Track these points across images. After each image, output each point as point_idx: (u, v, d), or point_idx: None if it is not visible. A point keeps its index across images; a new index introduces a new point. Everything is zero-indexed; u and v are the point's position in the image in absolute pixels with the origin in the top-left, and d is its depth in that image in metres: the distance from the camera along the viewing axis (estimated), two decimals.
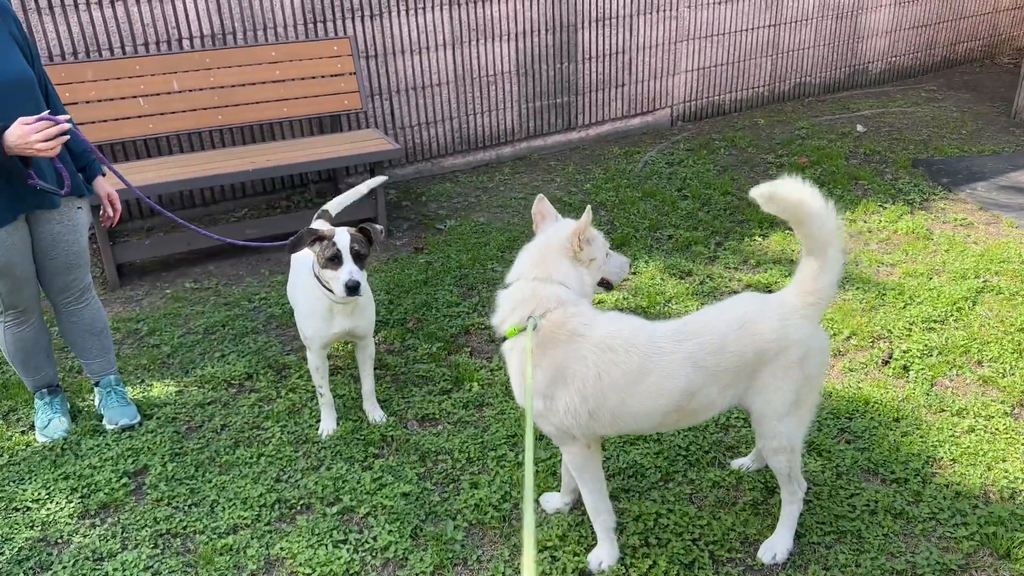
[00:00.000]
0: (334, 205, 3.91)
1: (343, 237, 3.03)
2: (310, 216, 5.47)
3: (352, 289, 3.00)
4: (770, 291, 4.58)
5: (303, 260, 3.40)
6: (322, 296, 3.20)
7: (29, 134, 2.80)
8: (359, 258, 3.05)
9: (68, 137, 2.94)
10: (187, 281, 4.95)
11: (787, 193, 2.46)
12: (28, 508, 3.09)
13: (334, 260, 3.02)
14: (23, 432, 3.54)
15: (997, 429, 3.35)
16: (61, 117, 2.96)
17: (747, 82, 7.89)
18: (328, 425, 3.48)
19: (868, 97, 8.27)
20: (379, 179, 4.18)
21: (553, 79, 6.86)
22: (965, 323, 4.16)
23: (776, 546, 2.75)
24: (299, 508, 3.06)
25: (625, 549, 2.77)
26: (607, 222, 5.50)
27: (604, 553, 2.72)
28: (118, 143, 5.28)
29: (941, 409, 3.51)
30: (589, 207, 2.56)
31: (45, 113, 2.91)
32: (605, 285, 2.74)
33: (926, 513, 2.91)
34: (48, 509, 3.07)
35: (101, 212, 3.42)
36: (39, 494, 3.15)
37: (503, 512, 2.99)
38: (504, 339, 2.58)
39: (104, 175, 3.40)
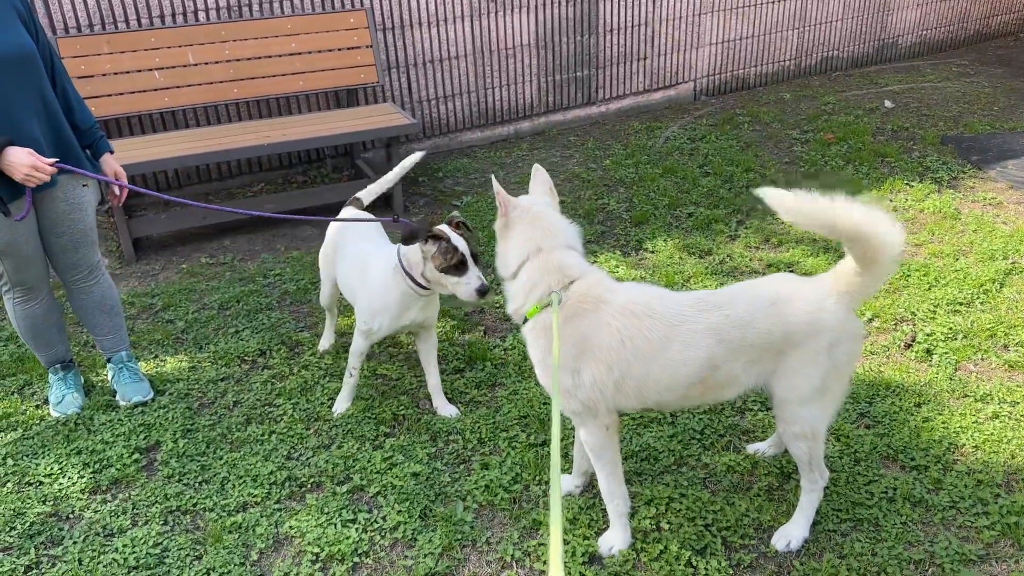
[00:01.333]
0: (368, 194, 3.80)
1: (462, 242, 2.99)
2: (328, 191, 5.45)
3: (484, 293, 2.99)
4: (792, 271, 4.49)
5: (359, 243, 3.38)
6: (407, 294, 3.16)
7: (28, 168, 2.83)
8: (476, 259, 3.03)
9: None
10: (203, 256, 4.94)
11: (827, 214, 2.28)
12: (41, 483, 3.10)
13: (459, 267, 2.99)
14: (37, 407, 3.55)
15: (1022, 416, 3.26)
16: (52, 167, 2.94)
17: (773, 56, 7.71)
18: (343, 404, 3.46)
19: (897, 72, 8.06)
20: (415, 157, 3.89)
21: (573, 52, 6.74)
22: (992, 306, 4.05)
23: (791, 534, 2.69)
24: (309, 486, 3.05)
25: (636, 533, 2.73)
26: (626, 199, 5.41)
27: (616, 537, 2.68)
28: (134, 116, 5.26)
29: (964, 394, 3.42)
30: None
31: (55, 162, 2.95)
32: None
33: (946, 502, 2.84)
34: (60, 484, 3.08)
35: (108, 190, 3.39)
36: (52, 469, 3.16)
37: (513, 493, 2.96)
38: (525, 321, 2.53)
39: (112, 152, 3.36)
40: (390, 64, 6.06)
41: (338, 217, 3.60)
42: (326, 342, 3.92)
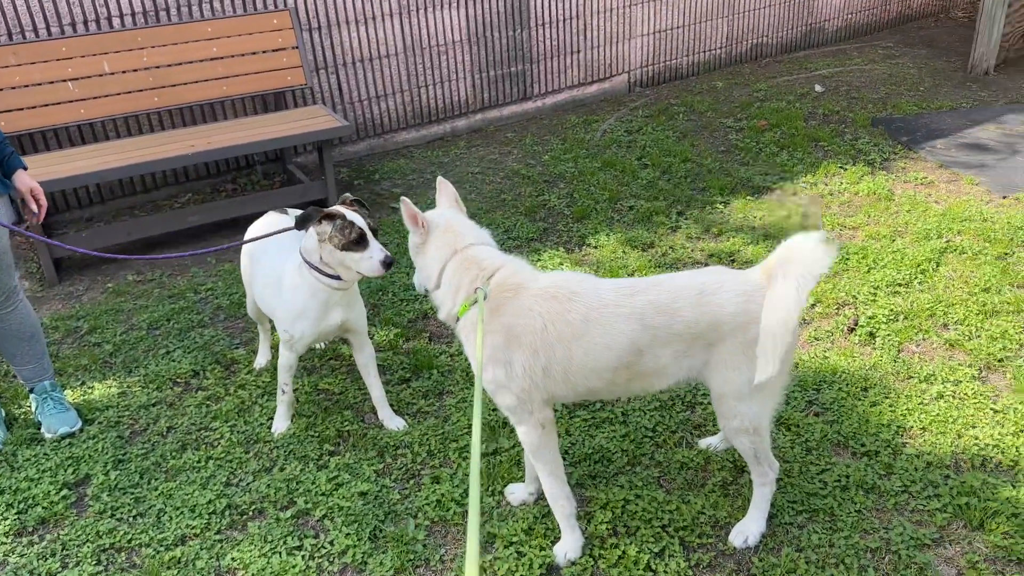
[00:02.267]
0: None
1: (358, 217, 2.90)
2: (259, 199, 5.26)
3: (389, 264, 2.90)
4: (733, 260, 4.49)
5: (274, 257, 3.19)
6: (318, 289, 3.02)
7: None
8: (375, 233, 2.96)
9: None
10: (129, 273, 4.72)
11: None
12: None
13: (359, 242, 2.88)
14: None
15: (965, 394, 3.30)
16: None
17: (704, 44, 7.75)
18: (282, 424, 3.32)
19: (825, 56, 8.18)
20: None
21: (506, 47, 6.65)
22: (930, 285, 4.10)
23: (748, 530, 2.66)
24: (251, 514, 2.91)
25: (593, 540, 2.67)
26: (567, 194, 5.36)
27: (568, 544, 2.62)
28: (49, 130, 5.00)
29: (909, 376, 3.45)
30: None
31: None
32: None
33: (898, 486, 2.85)
34: None
35: (24, 208, 3.18)
36: None
37: (466, 507, 2.87)
38: (456, 322, 2.50)
39: (26, 168, 3.16)
40: (318, 65, 5.88)
41: (253, 236, 3.37)
42: (262, 359, 3.77)
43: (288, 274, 3.09)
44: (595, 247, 4.67)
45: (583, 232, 4.85)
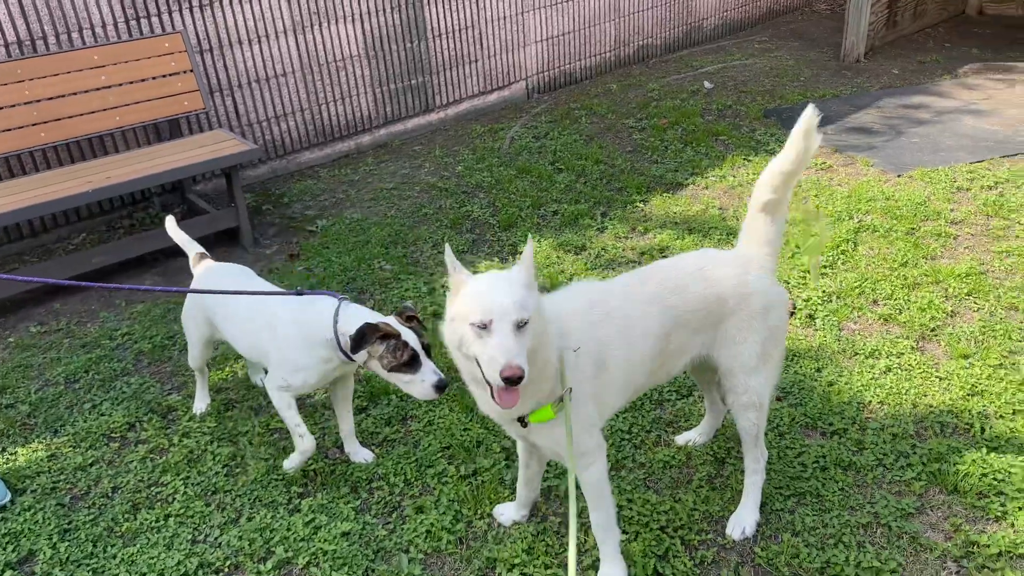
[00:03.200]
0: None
1: (411, 335, 2.68)
2: (161, 234, 4.91)
3: (443, 388, 2.67)
4: (665, 256, 4.57)
5: (265, 305, 2.94)
6: (330, 354, 2.79)
7: None
8: (428, 351, 2.72)
9: None
10: (32, 324, 4.31)
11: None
12: None
13: (411, 364, 2.66)
14: None
15: (910, 365, 3.47)
16: None
17: (594, 48, 7.89)
18: (294, 464, 3.07)
19: (707, 53, 8.50)
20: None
21: (405, 59, 6.54)
22: (853, 264, 4.31)
23: (744, 520, 2.70)
24: (227, 570, 2.70)
25: (595, 551, 2.63)
26: (488, 204, 5.31)
27: (617, 570, 2.52)
28: None
29: (855, 353, 3.60)
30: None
31: None
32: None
33: (872, 460, 2.96)
34: None
35: None
36: None
37: (457, 534, 2.77)
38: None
39: None
40: (212, 88, 5.59)
41: (236, 290, 3.06)
42: (201, 404, 3.52)
43: (291, 326, 2.83)
44: None
45: (513, 240, 4.82)
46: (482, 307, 2.01)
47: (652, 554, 2.62)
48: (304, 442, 2.98)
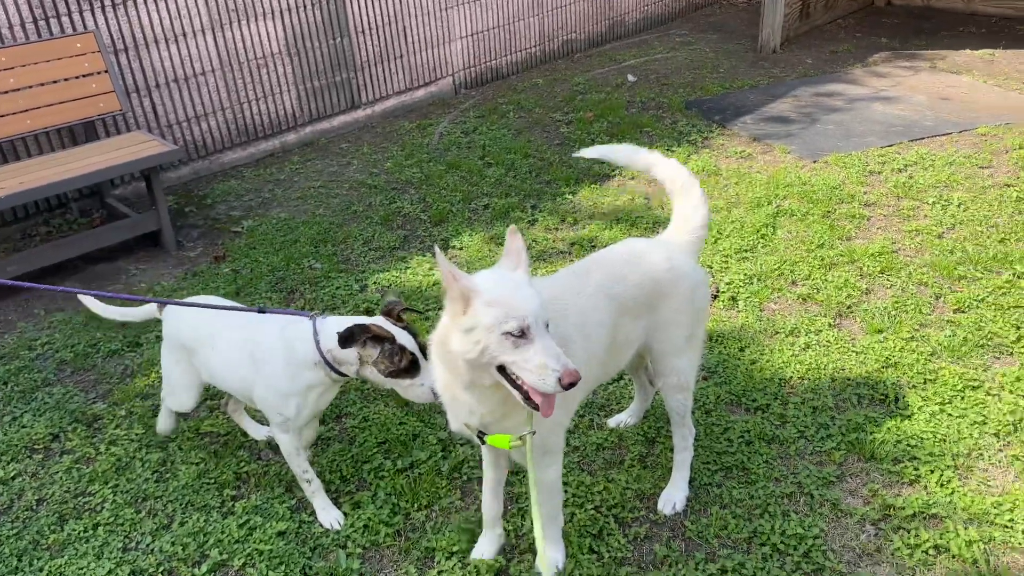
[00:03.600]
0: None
1: (409, 339, 2.54)
2: (84, 239, 4.78)
3: None
4: (594, 247, 4.65)
5: (246, 337, 2.73)
6: (324, 381, 2.65)
7: None
8: (425, 351, 2.55)
9: None
10: None
11: (622, 158, 2.80)
12: None
13: (410, 369, 2.54)
14: None
15: (828, 342, 3.62)
16: None
17: (520, 43, 7.94)
18: (332, 512, 2.84)
19: (630, 47, 8.64)
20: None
21: (328, 56, 6.48)
22: (772, 248, 4.46)
23: (674, 496, 2.78)
24: (161, 575, 2.66)
25: (532, 533, 2.68)
26: (419, 200, 5.31)
27: (557, 553, 2.57)
28: None
29: (776, 332, 3.73)
30: None
31: None
32: None
33: (794, 433, 3.08)
34: None
35: None
36: None
37: (395, 527, 2.78)
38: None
39: None
40: (129, 89, 5.45)
41: (221, 304, 2.91)
42: (168, 423, 3.26)
43: (274, 357, 2.64)
44: (460, 248, 4.66)
45: (445, 235, 4.83)
46: (515, 313, 1.89)
47: (587, 533, 2.68)
48: (311, 488, 2.83)
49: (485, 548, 2.63)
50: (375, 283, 4.34)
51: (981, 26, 8.58)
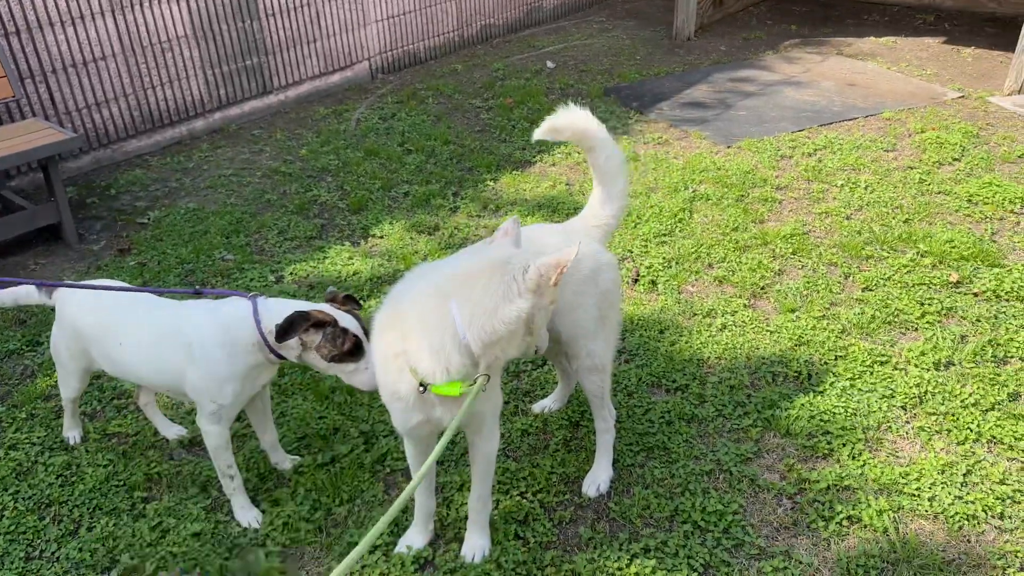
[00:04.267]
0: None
1: (352, 322, 2.45)
2: None
3: None
4: None
5: (157, 312, 2.63)
6: (262, 363, 2.53)
7: None
8: (368, 334, 2.43)
9: None
10: None
11: (573, 123, 2.66)
12: None
13: (353, 352, 2.44)
14: None
15: (744, 322, 3.70)
16: None
17: (437, 28, 7.84)
18: (250, 512, 2.75)
19: (548, 34, 8.64)
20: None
21: (237, 39, 6.26)
22: (689, 232, 4.53)
23: (598, 478, 2.80)
24: None
25: (460, 521, 2.65)
26: (337, 187, 5.19)
27: (483, 540, 2.57)
28: None
29: (693, 313, 3.79)
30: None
31: None
32: None
33: (713, 412, 3.14)
34: None
35: None
36: None
37: (316, 523, 2.72)
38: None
39: None
40: (22, 74, 5.14)
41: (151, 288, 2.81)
42: (74, 432, 3.14)
43: (208, 341, 2.51)
44: (380, 237, 4.58)
45: (364, 224, 4.74)
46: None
47: (513, 520, 2.67)
48: (232, 484, 2.71)
49: (415, 539, 2.60)
50: (292, 274, 4.22)
51: (884, 14, 8.91)
